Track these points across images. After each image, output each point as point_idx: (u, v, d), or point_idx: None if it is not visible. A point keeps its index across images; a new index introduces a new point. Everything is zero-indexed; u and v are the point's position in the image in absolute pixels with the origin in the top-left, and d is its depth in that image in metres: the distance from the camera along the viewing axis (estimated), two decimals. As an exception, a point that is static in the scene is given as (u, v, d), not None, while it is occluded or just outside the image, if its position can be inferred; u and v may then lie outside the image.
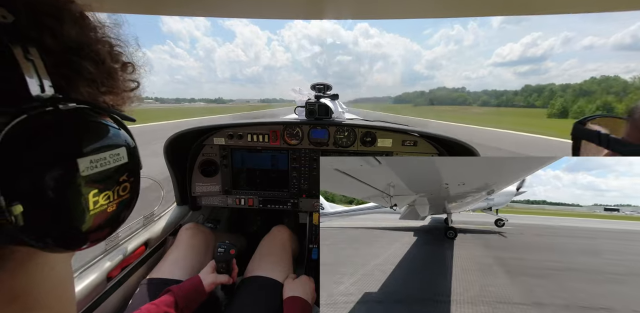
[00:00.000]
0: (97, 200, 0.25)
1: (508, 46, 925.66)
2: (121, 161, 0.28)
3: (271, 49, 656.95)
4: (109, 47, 0.29)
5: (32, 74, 0.22)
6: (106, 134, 0.27)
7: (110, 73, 0.29)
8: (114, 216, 0.28)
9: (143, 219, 1.20)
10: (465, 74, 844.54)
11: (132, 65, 0.33)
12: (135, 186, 0.30)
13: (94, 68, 0.27)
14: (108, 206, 0.27)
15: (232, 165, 1.39)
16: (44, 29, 0.23)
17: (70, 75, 0.26)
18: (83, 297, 0.83)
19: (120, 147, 0.28)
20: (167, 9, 0.65)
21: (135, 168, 0.30)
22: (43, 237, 0.23)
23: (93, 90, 0.28)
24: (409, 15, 0.71)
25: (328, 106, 1.28)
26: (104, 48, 0.29)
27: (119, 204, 0.28)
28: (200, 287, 0.91)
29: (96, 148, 0.25)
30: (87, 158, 0.24)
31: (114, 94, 0.31)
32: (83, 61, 0.26)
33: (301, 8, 0.69)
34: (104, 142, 0.26)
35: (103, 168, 0.25)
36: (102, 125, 0.27)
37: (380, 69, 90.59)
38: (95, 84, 0.28)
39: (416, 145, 1.30)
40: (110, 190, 0.27)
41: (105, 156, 0.26)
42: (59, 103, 0.23)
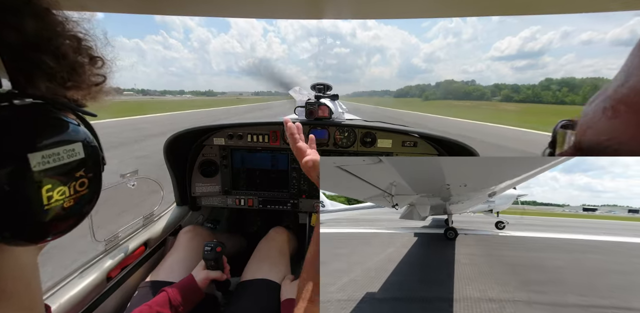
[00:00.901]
0: (51, 195, 0.26)
1: (507, 40, 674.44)
2: (77, 157, 0.28)
3: (267, 41, 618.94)
4: (75, 41, 0.29)
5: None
6: (61, 129, 0.27)
7: (73, 67, 0.29)
8: (73, 211, 0.28)
9: (143, 219, 1.20)
10: (463, 67, 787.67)
11: (102, 59, 0.32)
12: (95, 182, 0.30)
13: (54, 63, 0.27)
14: (64, 201, 0.27)
15: (232, 165, 1.39)
16: (3, 24, 0.23)
17: (29, 71, 0.26)
18: (83, 296, 0.83)
19: (76, 143, 0.28)
20: (166, 9, 0.65)
21: (93, 164, 0.30)
22: (1, 231, 0.23)
23: (54, 85, 0.28)
24: (408, 15, 0.71)
25: (328, 106, 1.28)
26: (69, 42, 0.28)
27: (77, 199, 0.28)
28: (193, 284, 0.92)
29: (49, 143, 0.25)
30: (38, 153, 0.24)
31: (80, 88, 0.31)
32: (43, 56, 0.26)
33: (301, 8, 0.69)
34: (58, 137, 0.26)
35: (56, 164, 0.25)
36: (58, 120, 0.27)
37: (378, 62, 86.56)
38: (56, 78, 0.28)
39: (416, 146, 1.30)
40: (65, 186, 0.27)
41: (59, 151, 0.26)
42: (15, 98, 0.24)
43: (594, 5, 0.59)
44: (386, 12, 0.71)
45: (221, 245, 0.99)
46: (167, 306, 0.83)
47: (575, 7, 0.61)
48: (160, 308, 0.81)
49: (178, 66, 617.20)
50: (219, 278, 0.98)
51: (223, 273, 0.99)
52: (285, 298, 0.95)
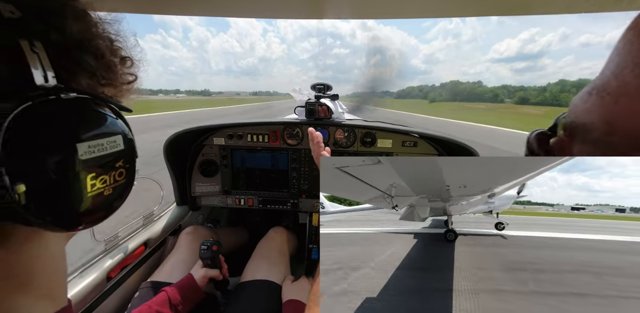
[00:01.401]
0: (94, 183, 0.27)
1: (506, 42, 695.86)
2: (117, 148, 0.29)
3: (267, 40, 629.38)
4: (109, 42, 0.31)
5: (37, 65, 0.24)
6: (104, 122, 0.29)
7: (109, 66, 0.31)
8: (110, 199, 0.30)
9: (143, 219, 1.20)
10: (462, 69, 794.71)
11: (131, 59, 0.35)
12: (131, 172, 0.32)
13: (94, 61, 0.29)
14: (105, 189, 0.29)
15: (232, 165, 1.39)
16: (49, 25, 0.25)
17: (72, 68, 0.28)
18: (83, 296, 0.83)
19: (117, 135, 0.30)
20: (166, 9, 0.65)
21: (130, 156, 0.32)
22: (43, 215, 0.24)
23: (93, 82, 0.30)
24: (408, 15, 0.71)
25: (328, 106, 1.28)
26: (104, 43, 0.30)
27: (114, 189, 0.30)
28: (192, 283, 0.93)
29: (94, 134, 0.27)
30: (85, 143, 0.26)
31: (113, 86, 0.33)
32: (84, 55, 0.28)
33: (301, 8, 0.69)
34: (101, 129, 0.28)
35: (100, 154, 0.27)
36: (101, 114, 0.29)
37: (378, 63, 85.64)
38: (95, 76, 0.30)
39: (416, 146, 1.30)
40: (106, 175, 0.29)
41: (103, 142, 0.28)
42: (61, 92, 0.25)
43: (591, 6, 0.59)
44: (386, 12, 0.71)
45: (217, 244, 0.99)
46: (167, 305, 0.83)
47: (574, 8, 0.61)
48: (160, 307, 0.81)
49: (177, 65, 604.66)
50: (216, 277, 0.98)
51: (220, 272, 1.00)
52: (287, 299, 0.95)
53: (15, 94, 0.23)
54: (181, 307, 0.85)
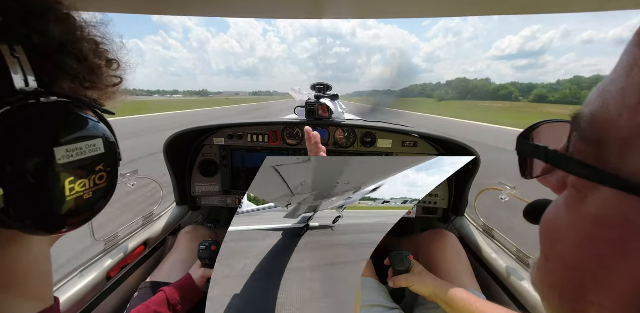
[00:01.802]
0: (73, 187, 0.27)
1: (507, 39, 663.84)
2: (97, 152, 0.29)
3: (267, 40, 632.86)
4: (94, 45, 0.31)
5: (17, 69, 0.24)
6: (84, 125, 0.29)
7: (92, 69, 0.31)
8: (91, 203, 0.30)
9: (142, 219, 1.20)
10: (463, 67, 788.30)
11: (117, 62, 0.34)
12: (112, 176, 0.32)
13: (77, 64, 0.29)
14: (84, 193, 0.29)
15: (232, 165, 1.39)
16: (31, 28, 0.25)
17: (54, 71, 0.28)
18: (83, 295, 0.83)
19: (97, 139, 0.29)
20: (165, 9, 0.65)
21: (112, 159, 0.32)
22: (22, 219, 0.24)
23: (76, 86, 0.30)
24: (409, 15, 0.71)
25: (328, 106, 1.28)
26: (88, 45, 0.30)
27: (95, 192, 0.30)
28: (191, 282, 0.93)
29: (73, 138, 0.27)
30: (63, 147, 0.26)
31: (98, 89, 0.33)
32: (66, 58, 0.28)
33: (301, 8, 0.68)
34: (81, 133, 0.28)
35: (79, 158, 0.27)
36: (81, 117, 0.29)
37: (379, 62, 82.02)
38: (78, 79, 0.30)
39: (416, 146, 1.30)
40: (86, 179, 0.28)
41: (82, 146, 0.28)
42: (41, 96, 0.25)
43: (593, 4, 0.59)
44: (386, 11, 0.70)
45: (216, 244, 1.00)
46: (165, 305, 0.83)
47: (575, 6, 0.61)
48: (158, 307, 0.81)
49: (178, 66, 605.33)
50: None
51: None
52: None
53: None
54: (180, 307, 0.85)
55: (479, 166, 1.16)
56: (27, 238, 0.29)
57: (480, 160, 1.15)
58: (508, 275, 0.96)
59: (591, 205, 0.18)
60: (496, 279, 1.02)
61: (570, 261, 0.19)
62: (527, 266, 0.98)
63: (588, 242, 0.18)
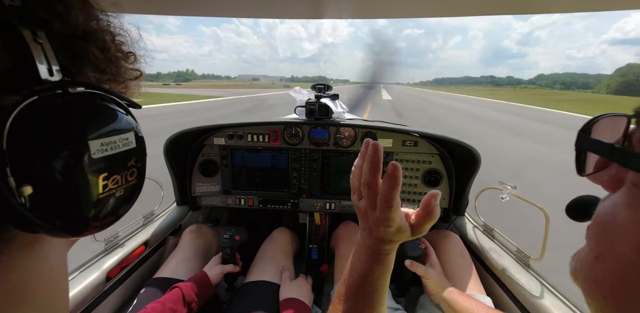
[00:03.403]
0: (106, 183, 0.25)
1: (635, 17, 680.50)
2: (130, 146, 0.27)
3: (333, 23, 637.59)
4: (111, 36, 0.29)
5: (41, 57, 0.22)
6: (115, 118, 0.27)
7: (113, 61, 0.29)
8: (122, 201, 0.28)
9: (143, 219, 1.21)
10: (568, 52, 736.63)
11: (134, 54, 0.33)
12: (142, 172, 0.30)
13: (100, 54, 0.27)
14: (116, 190, 0.27)
15: (232, 165, 1.39)
16: (53, 13, 0.23)
17: (77, 60, 0.26)
18: (83, 296, 0.83)
19: (129, 132, 0.27)
20: (167, 9, 0.64)
21: (142, 154, 0.30)
22: (51, 219, 0.22)
23: (100, 76, 0.28)
24: (409, 15, 0.71)
25: (328, 106, 1.28)
26: (108, 36, 0.29)
27: (126, 189, 0.28)
28: (206, 281, 0.93)
29: (106, 131, 0.25)
30: (98, 141, 0.24)
31: (117, 82, 0.31)
32: (90, 46, 0.26)
33: (301, 8, 0.68)
34: (113, 126, 0.26)
35: (113, 152, 0.25)
36: (111, 109, 0.27)
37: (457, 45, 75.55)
38: (101, 70, 0.28)
39: (416, 146, 1.30)
40: (119, 175, 0.26)
41: (115, 140, 0.26)
42: (68, 86, 0.23)
43: (598, 3, 0.59)
44: (387, 11, 0.70)
45: (239, 234, 1.03)
46: (181, 303, 0.81)
47: (580, 5, 0.61)
48: (174, 304, 0.80)
49: (249, 53, 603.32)
50: (232, 270, 1.03)
51: (236, 265, 1.05)
52: (285, 298, 0.94)
53: (19, 88, 0.21)
54: (194, 304, 0.84)
55: (479, 165, 1.16)
56: (45, 243, 0.27)
57: (481, 160, 1.15)
58: (508, 274, 0.96)
59: None
60: (496, 279, 1.02)
61: (630, 262, 0.18)
62: (527, 266, 0.98)
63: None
